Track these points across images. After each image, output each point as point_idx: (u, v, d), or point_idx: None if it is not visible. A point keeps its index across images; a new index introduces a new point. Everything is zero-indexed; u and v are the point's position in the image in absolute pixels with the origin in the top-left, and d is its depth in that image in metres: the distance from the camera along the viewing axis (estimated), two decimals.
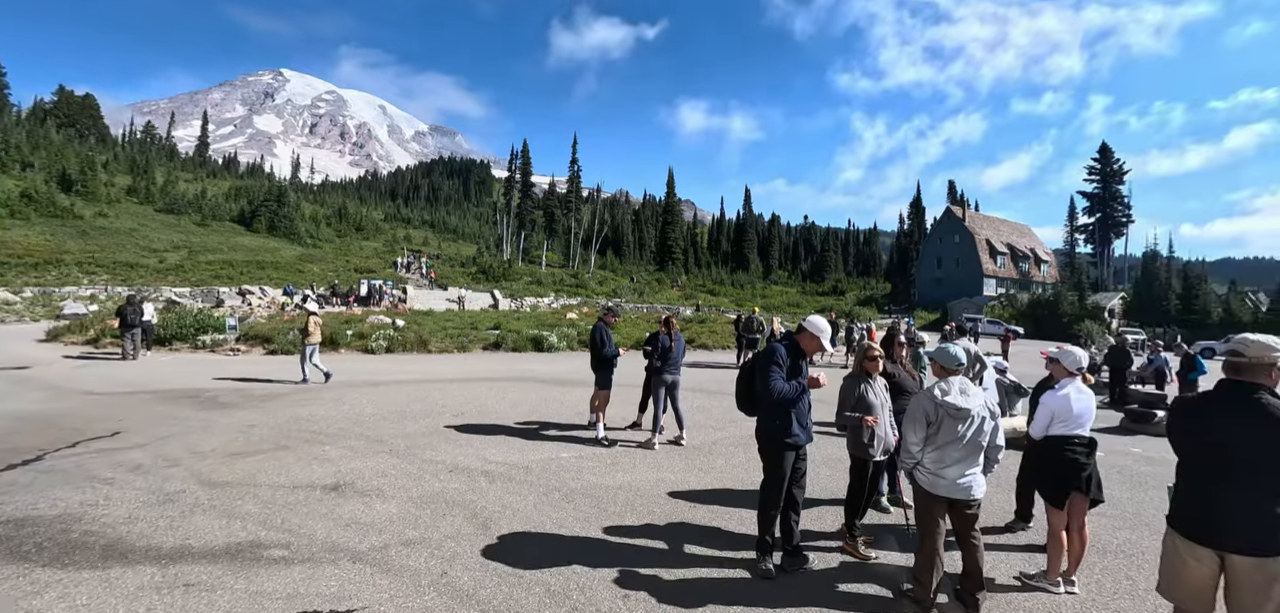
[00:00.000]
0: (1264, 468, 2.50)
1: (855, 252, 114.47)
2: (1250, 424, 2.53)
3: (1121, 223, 68.24)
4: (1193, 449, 2.74)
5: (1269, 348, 2.58)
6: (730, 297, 67.37)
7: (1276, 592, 2.46)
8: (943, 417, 3.46)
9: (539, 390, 11.70)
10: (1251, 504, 2.51)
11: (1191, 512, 2.69)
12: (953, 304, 57.58)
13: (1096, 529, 5.10)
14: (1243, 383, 2.61)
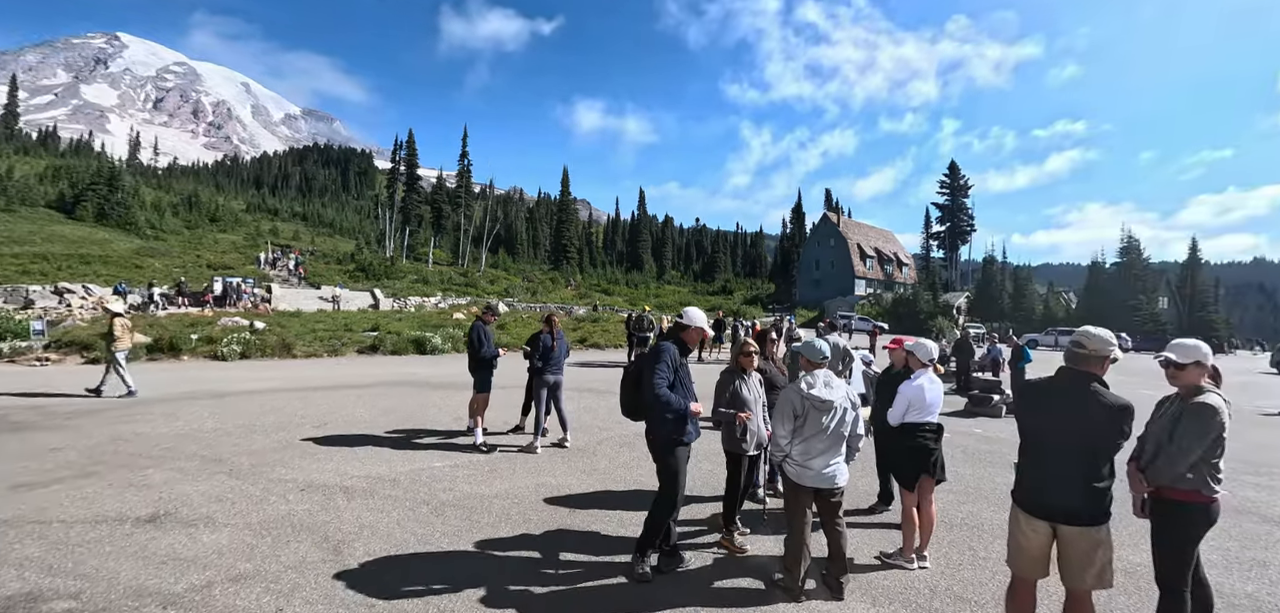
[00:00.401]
0: (1092, 449, 2.77)
1: (743, 253, 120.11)
2: (1084, 409, 2.79)
3: (966, 231, 77.14)
4: (1033, 430, 2.98)
5: (1106, 342, 2.85)
6: (624, 296, 67.96)
7: (1099, 556, 2.76)
8: (809, 409, 3.54)
9: (417, 396, 10.95)
10: (1082, 480, 2.77)
11: (1031, 488, 2.92)
12: (829, 303, 62.11)
13: (944, 505, 5.57)
14: (1080, 372, 2.87)
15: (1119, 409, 2.72)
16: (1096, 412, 2.75)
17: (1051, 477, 2.83)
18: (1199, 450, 2.91)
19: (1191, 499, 2.95)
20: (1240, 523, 5.52)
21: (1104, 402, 2.75)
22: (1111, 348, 2.82)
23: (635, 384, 4.12)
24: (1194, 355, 3.05)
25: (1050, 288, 64.77)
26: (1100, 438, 2.75)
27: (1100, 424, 2.74)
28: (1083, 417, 2.77)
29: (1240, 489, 6.60)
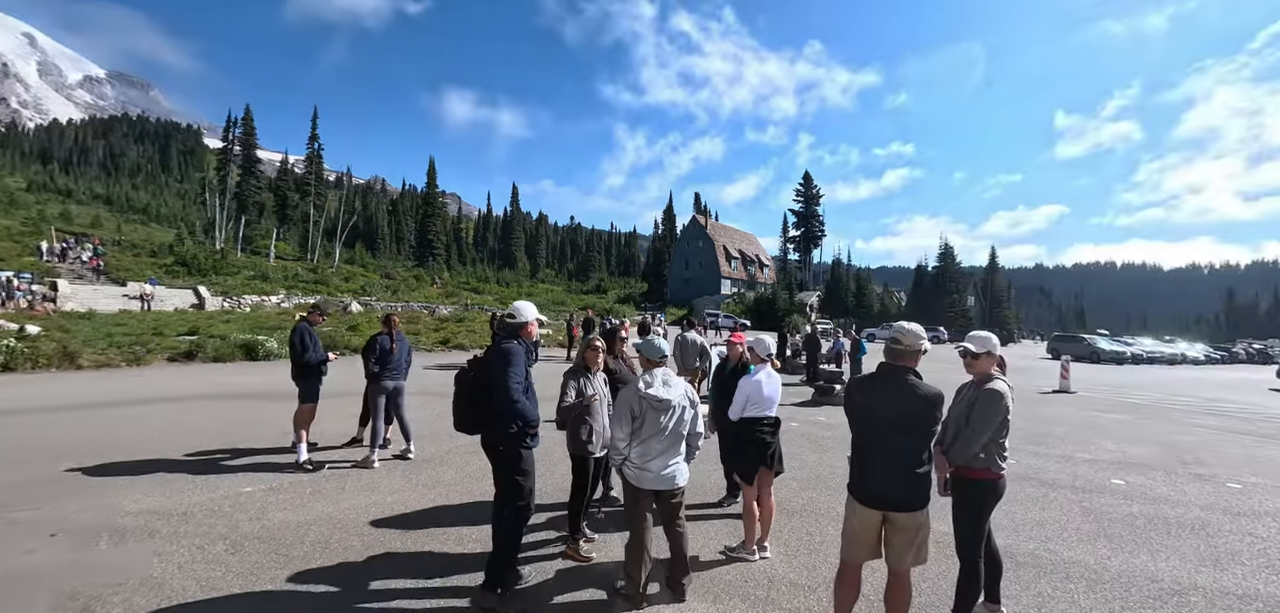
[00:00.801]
0: (913, 438, 2.94)
1: (617, 253, 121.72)
2: (903, 401, 2.95)
3: (818, 236, 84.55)
4: (860, 425, 3.10)
5: (918, 337, 3.03)
6: (495, 295, 65.68)
7: (920, 536, 2.98)
8: (646, 409, 3.44)
9: (236, 410, 9.55)
10: (908, 469, 2.93)
11: (863, 479, 3.04)
12: (697, 301, 64.81)
13: (787, 493, 5.83)
14: (898, 366, 3.02)
15: (933, 398, 2.92)
16: (914, 402, 2.92)
17: (881, 468, 2.98)
18: (989, 432, 3.21)
19: (983, 477, 3.26)
20: (1023, 488, 6.38)
21: (919, 393, 2.93)
22: (923, 342, 3.01)
23: (472, 394, 3.75)
24: (986, 346, 3.37)
25: (886, 288, 73.12)
26: (919, 427, 2.93)
27: (918, 414, 2.92)
28: (903, 409, 2.94)
29: (1023, 459, 7.69)
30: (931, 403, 2.90)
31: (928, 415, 2.90)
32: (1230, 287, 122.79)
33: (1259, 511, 6.00)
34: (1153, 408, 14.09)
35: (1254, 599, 4.00)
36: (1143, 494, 6.41)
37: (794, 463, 7.14)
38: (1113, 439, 9.59)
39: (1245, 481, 7.22)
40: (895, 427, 2.93)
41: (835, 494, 5.81)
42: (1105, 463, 7.82)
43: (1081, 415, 12.20)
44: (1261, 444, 9.79)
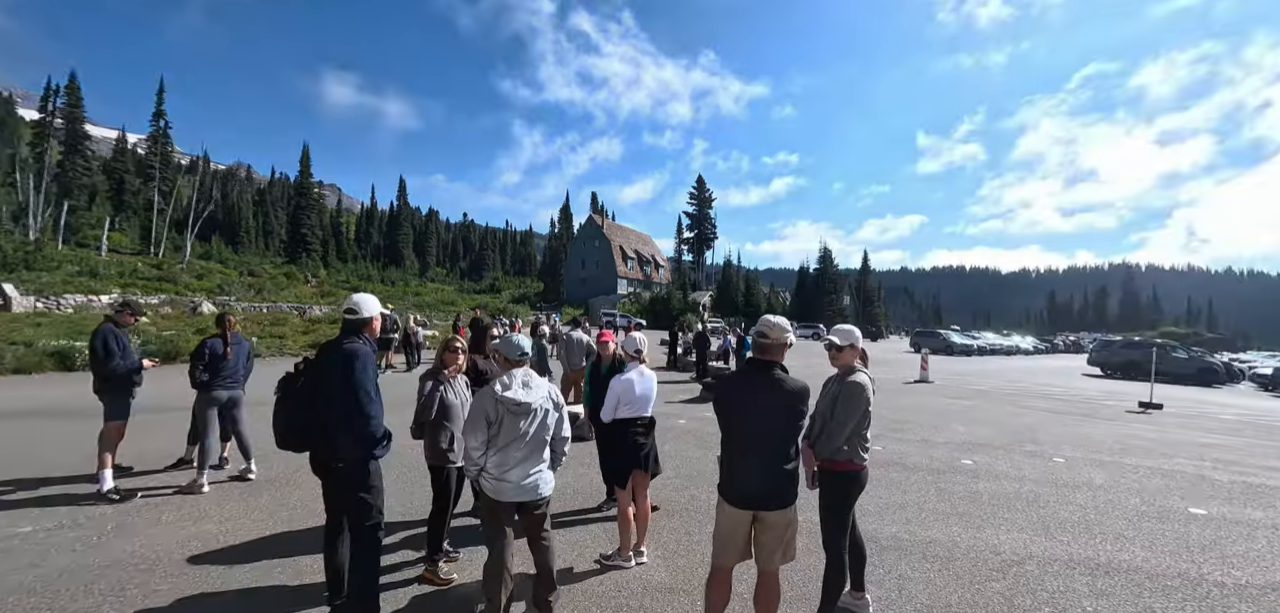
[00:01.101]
0: (781, 434, 2.86)
1: (512, 251, 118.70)
2: (771, 397, 2.85)
3: (711, 238, 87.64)
4: (729, 424, 2.97)
5: (784, 330, 2.95)
6: (380, 295, 61.43)
7: (789, 534, 2.90)
8: (503, 414, 3.12)
9: (33, 431, 7.96)
10: (777, 466, 2.85)
11: (734, 479, 2.92)
12: (594, 301, 64.66)
13: (669, 492, 5.73)
14: (765, 362, 2.92)
15: (799, 393, 2.86)
16: (781, 398, 2.84)
17: (750, 466, 2.88)
18: (852, 424, 3.22)
19: (847, 468, 3.27)
20: (887, 473, 6.75)
21: (787, 388, 2.85)
22: (788, 335, 2.95)
23: (303, 402, 3.22)
24: (850, 339, 3.40)
25: (772, 288, 77.32)
26: (787, 423, 2.86)
27: (785, 410, 2.84)
28: (771, 405, 2.85)
29: (888, 446, 8.20)
30: (798, 397, 2.84)
31: (795, 410, 2.84)
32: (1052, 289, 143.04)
33: (1078, 482, 6.77)
34: (995, 394, 15.82)
35: (1077, 564, 4.41)
36: (987, 472, 7.02)
37: (678, 460, 7.09)
38: (963, 423, 10.56)
39: (1067, 455, 8.17)
40: (764, 423, 2.85)
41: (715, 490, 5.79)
42: (957, 445, 8.54)
43: (937, 402, 13.39)
44: (1079, 423, 11.24)
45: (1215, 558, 4.62)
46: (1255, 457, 8.61)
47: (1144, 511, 5.79)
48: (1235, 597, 3.97)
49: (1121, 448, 8.83)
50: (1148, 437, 9.91)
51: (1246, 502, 6.22)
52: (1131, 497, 6.24)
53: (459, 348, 4.04)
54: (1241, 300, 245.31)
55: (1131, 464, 7.75)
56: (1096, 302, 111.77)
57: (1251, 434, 10.78)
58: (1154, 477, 7.14)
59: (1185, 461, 8.09)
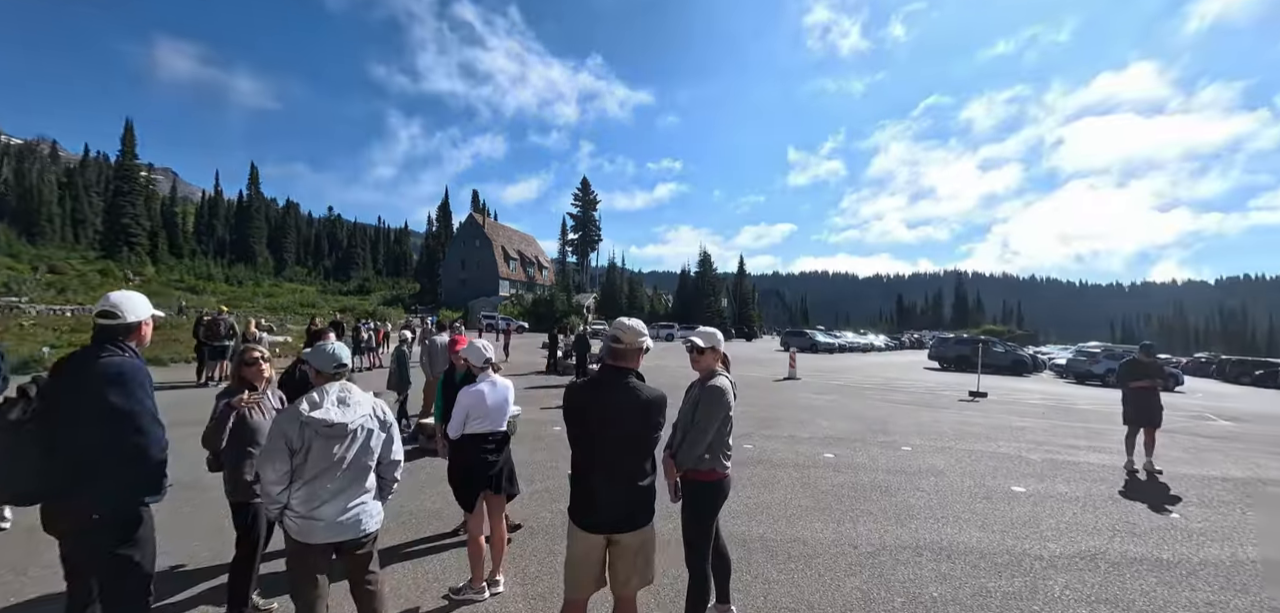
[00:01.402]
0: (636, 447, 2.58)
1: (386, 250, 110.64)
2: (624, 408, 2.57)
3: (595, 240, 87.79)
4: (580, 438, 2.65)
5: (638, 334, 2.67)
6: (222, 295, 54.51)
7: (646, 553, 2.64)
8: (311, 439, 2.57)
9: None
10: (632, 483, 2.57)
11: (585, 501, 2.60)
12: (474, 303, 62.07)
13: (533, 508, 5.32)
14: (619, 369, 2.63)
15: (656, 402, 2.61)
16: (636, 408, 2.58)
17: (603, 485, 2.58)
18: (713, 430, 3.05)
19: (709, 478, 3.09)
20: (755, 471, 6.85)
21: (643, 396, 2.59)
22: (644, 338, 2.69)
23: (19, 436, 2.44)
24: (711, 341, 3.23)
25: (655, 290, 78.93)
26: (642, 435, 2.59)
27: (641, 420, 2.58)
28: (625, 416, 2.57)
29: (757, 442, 8.41)
30: (654, 407, 2.60)
31: (651, 421, 2.59)
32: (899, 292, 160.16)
33: (923, 468, 7.31)
34: (853, 388, 17.10)
35: (924, 549, 4.65)
36: (846, 465, 7.38)
37: (548, 471, 6.70)
38: (826, 417, 11.18)
39: (914, 443, 8.86)
40: (617, 436, 2.57)
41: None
42: (820, 439, 8.96)
43: (804, 398, 14.16)
44: (923, 412, 12.37)
45: (1034, 534, 5.10)
46: (1059, 436, 9.93)
47: (976, 491, 6.34)
48: (1052, 568, 4.36)
49: (957, 434, 9.77)
50: (977, 423, 11.10)
51: (1055, 478, 7.05)
52: (966, 479, 6.83)
53: (260, 358, 3.35)
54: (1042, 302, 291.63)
55: (965, 448, 8.57)
56: (934, 304, 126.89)
57: (1054, 416, 12.49)
58: (983, 459, 7.91)
59: (1006, 443, 9.10)
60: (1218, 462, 8.34)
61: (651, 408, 2.58)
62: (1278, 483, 7.23)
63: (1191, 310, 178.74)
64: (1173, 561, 4.56)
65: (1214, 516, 5.79)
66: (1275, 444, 10.05)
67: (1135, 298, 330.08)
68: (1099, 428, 11.02)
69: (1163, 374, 7.90)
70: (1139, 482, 7.06)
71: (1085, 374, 25.10)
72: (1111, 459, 8.13)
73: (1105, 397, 17.56)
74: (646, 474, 2.62)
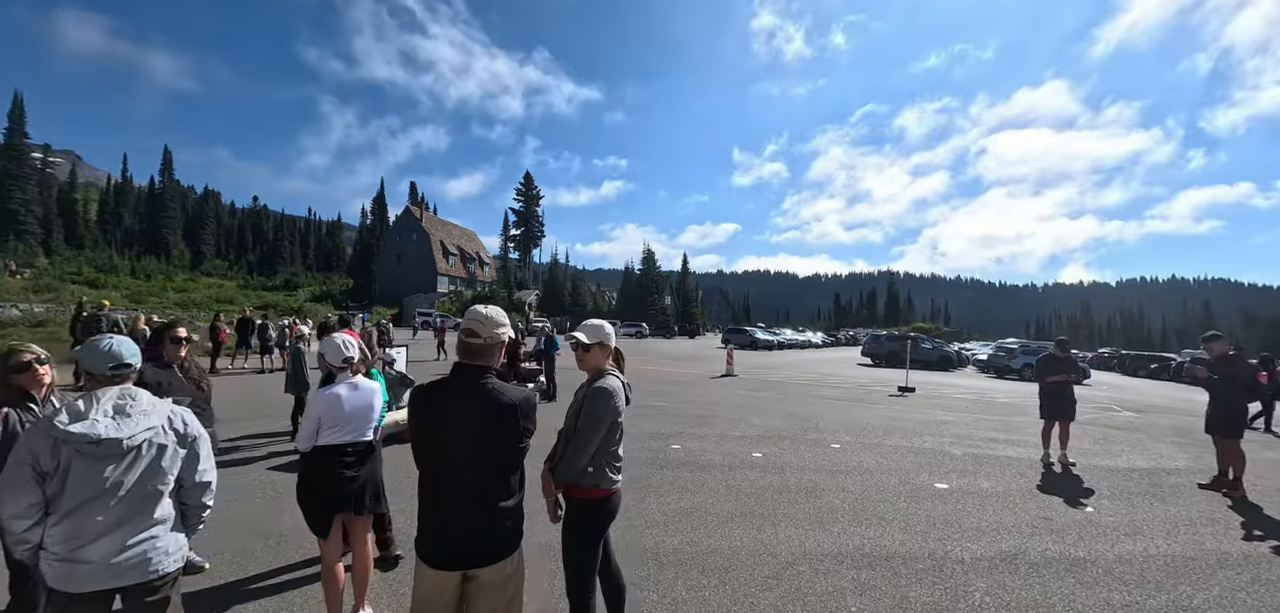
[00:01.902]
0: (494, 462, 2.12)
1: (317, 243, 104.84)
2: (478, 414, 2.10)
3: (538, 236, 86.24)
4: (424, 451, 2.15)
5: (496, 325, 2.20)
6: (127, 290, 50.12)
7: (510, 588, 2.17)
8: (70, 459, 1.97)
9: None
10: (488, 506, 2.10)
11: (433, 531, 2.12)
12: (409, 299, 59.67)
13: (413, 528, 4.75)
14: (473, 368, 2.16)
15: (516, 407, 2.13)
16: (492, 414, 2.10)
17: (455, 511, 2.09)
18: (598, 439, 2.61)
19: (592, 495, 2.65)
20: (680, 475, 6.49)
21: (501, 400, 2.12)
22: (502, 330, 2.22)
23: None
24: (599, 335, 2.79)
25: (598, 287, 78.21)
26: (502, 447, 2.12)
27: (499, 429, 2.11)
28: (479, 424, 2.09)
29: (686, 443, 8.07)
30: (515, 412, 2.13)
31: (512, 429, 2.12)
32: (837, 291, 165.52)
33: (850, 466, 7.16)
34: (788, 384, 17.16)
35: (846, 557, 4.39)
36: (774, 464, 7.14)
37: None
38: (758, 414, 11.02)
39: (842, 440, 8.77)
40: (471, 450, 2.09)
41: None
42: (751, 437, 8.73)
43: (739, 395, 14.02)
44: (853, 408, 12.43)
45: (956, 533, 4.95)
46: (981, 430, 10.11)
47: (900, 489, 6.20)
48: (973, 572, 4.18)
49: (885, 430, 9.78)
50: (905, 418, 11.21)
51: (977, 473, 7.04)
52: (891, 477, 6.71)
53: (34, 360, 2.66)
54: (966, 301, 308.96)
55: (892, 445, 8.53)
56: (868, 302, 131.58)
57: (977, 410, 12.83)
58: (909, 456, 7.87)
59: (931, 438, 9.16)
60: (1125, 453, 8.63)
61: (511, 414, 2.12)
62: (1178, 473, 7.49)
63: (1096, 310, 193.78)
64: (1089, 559, 4.48)
65: (1125, 508, 5.85)
66: (1172, 433, 10.60)
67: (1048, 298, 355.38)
68: (1017, 421, 11.35)
69: (1076, 369, 8.08)
70: (1055, 475, 7.15)
71: (1004, 368, 26.36)
72: (1029, 453, 8.27)
73: (1022, 390, 18.36)
74: (510, 494, 2.16)
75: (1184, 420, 12.43)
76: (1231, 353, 6.68)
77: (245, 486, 5.72)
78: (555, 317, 51.57)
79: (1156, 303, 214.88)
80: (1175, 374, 30.48)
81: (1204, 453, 8.73)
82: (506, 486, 2.14)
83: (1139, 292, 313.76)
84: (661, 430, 9.03)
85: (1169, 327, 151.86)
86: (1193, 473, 7.47)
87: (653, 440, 8.27)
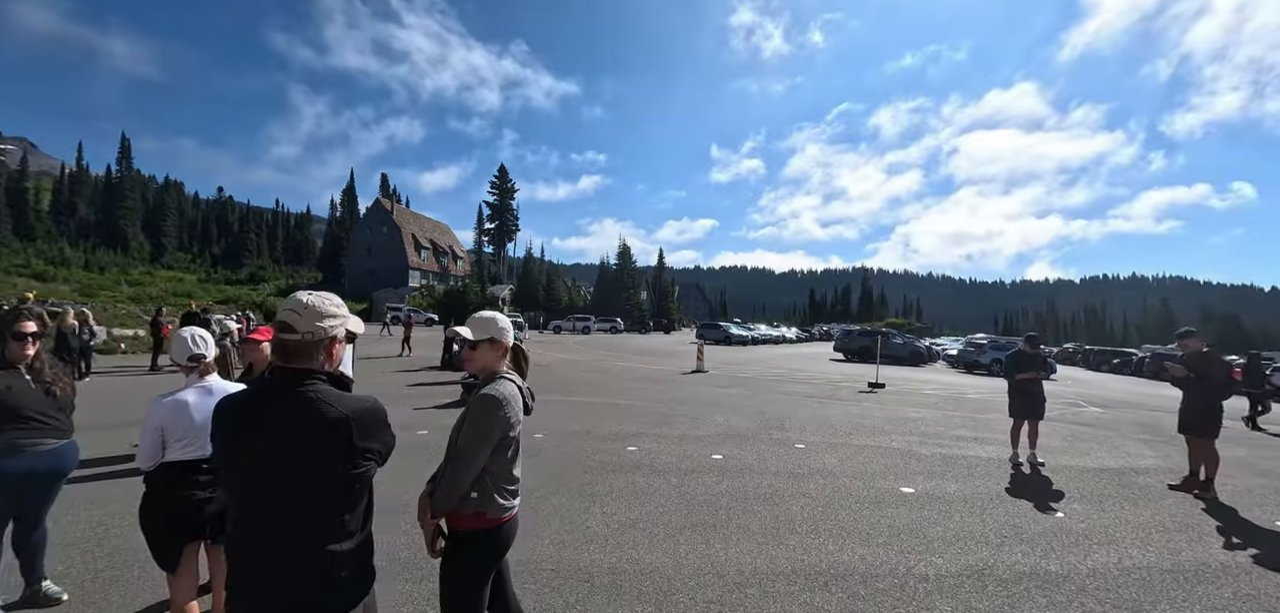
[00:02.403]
0: (318, 497, 1.62)
1: (285, 236, 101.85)
2: (292, 428, 1.59)
3: (512, 230, 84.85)
4: (233, 476, 1.66)
5: (320, 315, 1.69)
6: (77, 283, 47.97)
7: None
8: None
9: None
10: (312, 547, 1.61)
11: (245, 574, 1.61)
12: (380, 293, 58.24)
13: None
14: (291, 371, 1.66)
15: (343, 422, 1.62)
16: (317, 429, 1.60)
17: (270, 559, 1.59)
18: (483, 456, 2.12)
19: (476, 526, 2.16)
20: (633, 479, 6.02)
21: (326, 414, 1.61)
22: (332, 322, 1.71)
23: None
24: (488, 331, 2.29)
25: (573, 282, 77.43)
26: (328, 474, 1.62)
27: (324, 449, 1.61)
28: (297, 445, 1.59)
29: (644, 444, 7.61)
30: (346, 429, 1.63)
31: (342, 448, 1.63)
32: (812, 287, 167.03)
33: (813, 469, 6.79)
34: (758, 380, 16.85)
35: (799, 575, 3.97)
36: (734, 467, 6.72)
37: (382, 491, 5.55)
38: (723, 412, 10.63)
39: (808, 440, 8.41)
40: (287, 480, 1.60)
41: (390, 528, 4.44)
42: (712, 437, 8.31)
43: (707, 392, 13.63)
44: (822, 405, 12.13)
45: (920, 545, 4.57)
46: (949, 428, 9.87)
47: (864, 495, 5.83)
48: (937, 592, 3.80)
49: (852, 428, 9.46)
50: (873, 416, 10.93)
51: (944, 475, 6.72)
52: (855, 481, 6.34)
53: None
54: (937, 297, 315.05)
55: (858, 444, 8.20)
56: (843, 298, 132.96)
57: (946, 407, 12.64)
58: (875, 456, 7.54)
59: (899, 437, 8.86)
60: (1093, 451, 8.44)
61: (343, 430, 1.61)
62: (1147, 472, 7.29)
63: (1061, 306, 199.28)
64: (1061, 573, 4.14)
65: (1096, 512, 5.57)
66: (1138, 429, 10.51)
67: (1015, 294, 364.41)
68: (986, 418, 11.16)
69: (1045, 365, 7.85)
70: (1024, 476, 6.88)
71: (973, 364, 26.52)
72: (998, 452, 8.01)
73: (991, 385, 18.36)
74: (345, 534, 1.65)
75: (1147, 415, 12.41)
76: (1205, 350, 6.46)
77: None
78: (530, 311, 50.76)
79: (1118, 300, 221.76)
80: (1137, 369, 31.10)
81: (1172, 451, 8.59)
82: (338, 524, 1.64)
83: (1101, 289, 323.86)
84: (620, 431, 8.56)
85: (1130, 323, 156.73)
86: (1162, 472, 7.27)
87: (609, 441, 7.80)
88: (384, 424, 1.74)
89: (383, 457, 1.74)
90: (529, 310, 54.49)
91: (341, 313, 1.74)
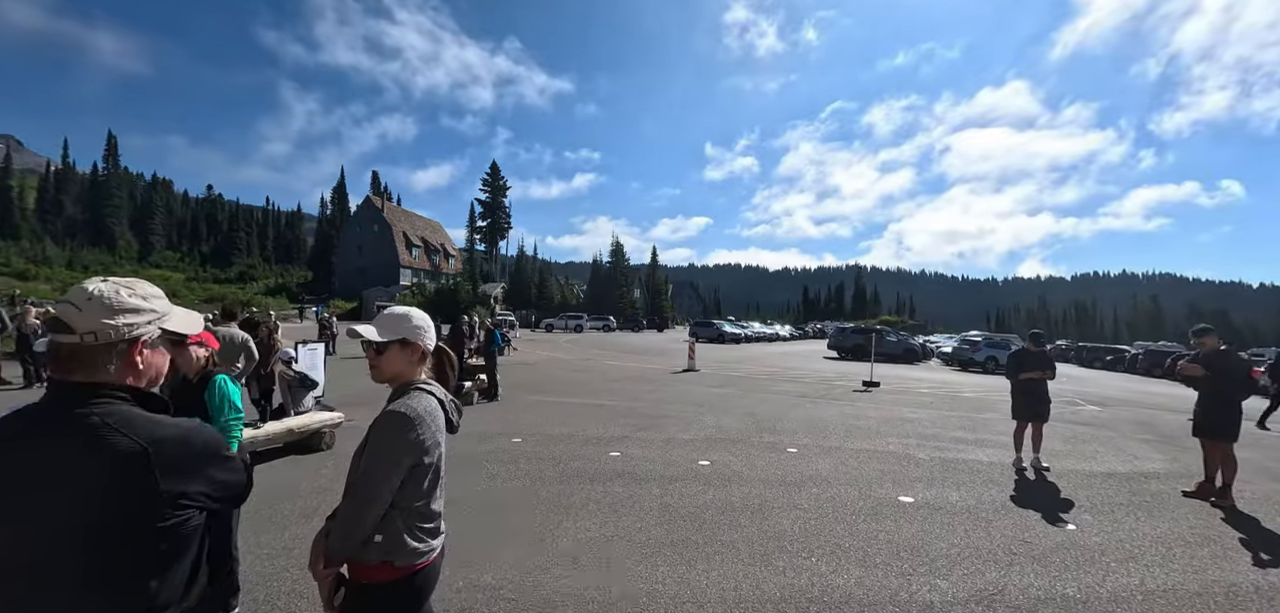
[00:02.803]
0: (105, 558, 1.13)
1: (276, 234, 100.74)
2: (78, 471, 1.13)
3: (505, 228, 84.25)
4: None
5: (111, 307, 1.21)
6: (61, 282, 47.10)
7: None
8: None
9: None
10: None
11: None
12: (370, 292, 57.59)
13: (268, 579, 3.75)
14: (71, 385, 1.19)
15: (139, 456, 1.14)
16: (95, 471, 1.12)
17: None
18: (388, 490, 1.68)
19: (384, 578, 1.71)
20: (612, 489, 5.60)
21: (112, 446, 1.13)
22: (137, 318, 1.26)
23: None
24: (396, 332, 1.83)
25: (566, 280, 76.93)
26: (119, 527, 1.13)
27: (104, 497, 1.13)
28: (74, 490, 1.11)
29: (629, 448, 7.19)
30: (144, 467, 1.15)
31: (138, 498, 1.14)
32: (806, 284, 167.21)
33: (805, 475, 6.38)
34: (751, 379, 16.45)
35: (789, 601, 3.55)
36: (721, 475, 6.30)
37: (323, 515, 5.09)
38: (714, 413, 10.22)
39: (801, 443, 8.00)
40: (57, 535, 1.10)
41: None
42: (700, 441, 7.89)
43: (697, 392, 13.22)
44: (816, 405, 11.73)
45: (922, 565, 4.16)
46: (948, 429, 9.49)
47: (860, 505, 5.43)
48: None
49: (847, 430, 9.07)
50: (868, 417, 10.54)
51: (945, 482, 6.33)
52: (851, 489, 5.94)
53: None
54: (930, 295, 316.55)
55: (853, 448, 7.80)
56: (836, 296, 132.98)
57: (943, 406, 12.27)
58: (871, 461, 7.14)
59: (895, 440, 8.46)
60: (1098, 454, 8.08)
61: (139, 468, 1.14)
62: (1158, 478, 6.92)
63: (1052, 303, 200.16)
64: (1080, 599, 3.73)
65: (1109, 524, 5.18)
66: (1139, 428, 10.18)
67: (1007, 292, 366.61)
68: (984, 418, 10.80)
69: (1051, 365, 7.45)
70: (1029, 482, 6.50)
71: (968, 361, 26.24)
72: (999, 455, 7.63)
73: (986, 383, 18.04)
74: (147, 603, 1.19)
75: (1145, 414, 12.09)
76: (1222, 348, 6.08)
77: None
78: (521, 310, 50.25)
79: (1108, 296, 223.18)
80: (1130, 365, 30.94)
81: (1179, 453, 8.24)
82: (136, 592, 1.18)
83: (1092, 286, 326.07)
84: (603, 434, 8.13)
85: (1120, 320, 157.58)
86: (1172, 478, 6.90)
87: (590, 446, 7.37)
88: (211, 458, 1.26)
89: (218, 500, 1.29)
90: (521, 308, 53.96)
91: (151, 307, 1.28)
